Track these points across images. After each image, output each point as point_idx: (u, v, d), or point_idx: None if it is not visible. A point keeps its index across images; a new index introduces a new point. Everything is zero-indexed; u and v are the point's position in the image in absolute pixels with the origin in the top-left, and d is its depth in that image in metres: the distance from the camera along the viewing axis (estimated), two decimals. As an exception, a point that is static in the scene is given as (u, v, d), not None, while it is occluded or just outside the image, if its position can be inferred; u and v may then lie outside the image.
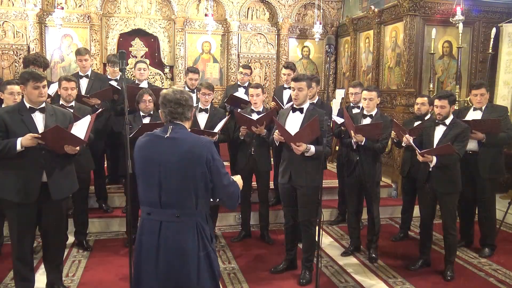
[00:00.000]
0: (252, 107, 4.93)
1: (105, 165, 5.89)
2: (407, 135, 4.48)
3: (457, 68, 6.45)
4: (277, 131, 4.04)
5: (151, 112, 4.77)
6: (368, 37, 7.98)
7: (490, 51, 6.14)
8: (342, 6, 9.00)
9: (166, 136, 2.44)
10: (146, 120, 4.72)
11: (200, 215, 2.47)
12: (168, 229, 2.42)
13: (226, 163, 6.24)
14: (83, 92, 5.28)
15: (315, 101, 5.03)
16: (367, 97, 4.55)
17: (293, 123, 4.02)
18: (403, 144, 4.69)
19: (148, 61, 8.39)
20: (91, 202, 5.43)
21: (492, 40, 6.09)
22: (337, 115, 5.45)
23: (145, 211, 2.51)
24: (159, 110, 2.54)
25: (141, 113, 4.76)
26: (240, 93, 5.80)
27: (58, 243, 3.70)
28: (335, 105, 8.26)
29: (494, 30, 6.11)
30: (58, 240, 3.69)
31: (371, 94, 4.54)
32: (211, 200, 2.53)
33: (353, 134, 4.44)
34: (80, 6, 8.02)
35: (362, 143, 4.44)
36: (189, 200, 2.43)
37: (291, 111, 4.13)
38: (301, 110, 4.07)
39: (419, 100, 5.11)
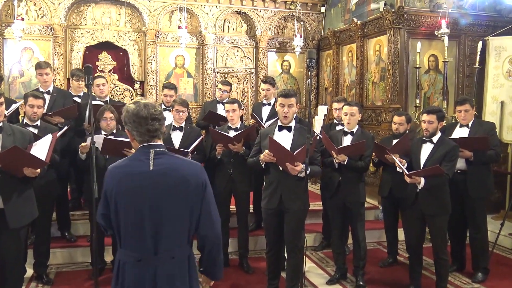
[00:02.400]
0: (229, 124, 4.93)
1: (68, 190, 5.78)
2: (392, 155, 4.50)
3: (444, 83, 6.62)
4: (266, 151, 3.92)
5: (114, 131, 4.69)
6: (351, 51, 8.14)
7: (477, 65, 6.31)
8: (323, 19, 9.18)
9: (151, 168, 2.26)
10: None
11: (191, 246, 2.40)
12: (164, 273, 2.28)
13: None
14: (44, 110, 5.18)
15: None
16: (348, 112, 4.59)
17: (282, 142, 3.97)
18: (398, 170, 4.71)
19: (115, 76, 8.37)
20: (53, 230, 5.29)
21: (478, 54, 6.27)
22: (320, 133, 5.49)
23: (133, 256, 2.28)
24: (126, 130, 2.37)
25: (103, 132, 4.66)
26: (220, 111, 5.81)
27: (15, 276, 3.60)
28: (318, 122, 8.33)
29: (480, 43, 6.31)
30: (15, 273, 3.58)
31: (352, 109, 4.59)
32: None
33: (335, 155, 4.47)
34: (42, 17, 7.97)
35: (345, 163, 4.48)
36: (185, 236, 2.34)
37: (276, 129, 4.12)
38: (289, 129, 4.08)
39: (396, 119, 5.14)
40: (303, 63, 9.12)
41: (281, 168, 3.98)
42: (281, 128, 4.10)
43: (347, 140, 4.63)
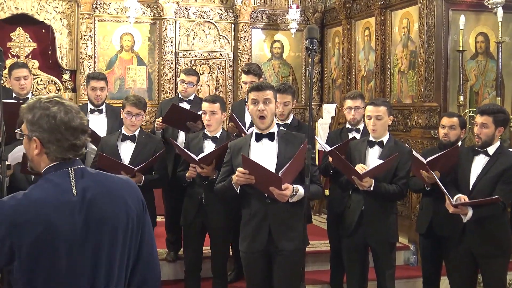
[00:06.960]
0: (206, 131, 4.88)
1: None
2: (431, 172, 4.51)
3: (497, 72, 6.65)
4: (240, 168, 3.87)
5: None
6: (368, 28, 8.17)
7: (543, 47, 6.39)
8: (329, -17, 9.23)
9: (75, 194, 2.25)
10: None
11: None
12: None
13: (160, 219, 6.20)
14: None
15: (289, 121, 5.06)
16: (373, 115, 4.59)
17: (264, 157, 3.95)
18: (427, 188, 4.74)
19: (36, 63, 8.29)
20: None
21: (545, 31, 6.35)
22: (326, 142, 5.46)
23: None
24: (36, 138, 2.26)
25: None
26: None
27: None
28: (322, 126, 8.32)
29: (547, 17, 6.39)
30: None
31: (378, 110, 4.59)
32: None
33: (357, 181, 4.43)
34: None
35: (372, 189, 4.43)
36: (123, 279, 2.37)
37: (253, 140, 4.09)
38: (270, 137, 4.04)
39: (446, 121, 5.10)
40: (301, 45, 9.15)
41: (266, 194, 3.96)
42: (259, 137, 4.06)
43: (373, 154, 4.62)
